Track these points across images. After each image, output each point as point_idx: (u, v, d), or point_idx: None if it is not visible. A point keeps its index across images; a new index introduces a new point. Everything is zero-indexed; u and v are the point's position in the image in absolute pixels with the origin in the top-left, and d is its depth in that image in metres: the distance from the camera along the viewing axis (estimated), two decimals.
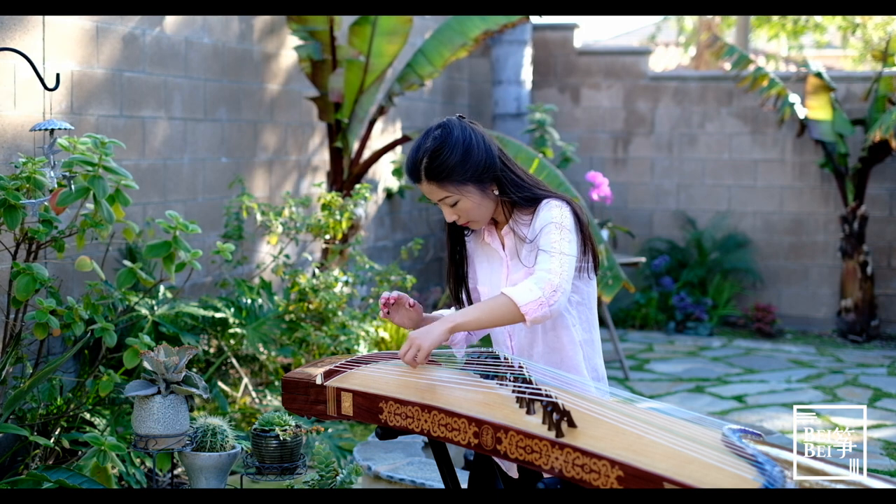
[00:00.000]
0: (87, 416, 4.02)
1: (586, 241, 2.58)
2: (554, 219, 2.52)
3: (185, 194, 5.35)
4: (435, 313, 2.80)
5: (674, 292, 8.52)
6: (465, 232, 2.74)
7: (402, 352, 2.46)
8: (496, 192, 2.59)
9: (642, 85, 9.04)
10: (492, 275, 2.68)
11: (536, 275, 2.46)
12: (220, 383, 4.77)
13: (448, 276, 2.76)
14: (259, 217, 5.27)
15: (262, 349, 4.83)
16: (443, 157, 2.53)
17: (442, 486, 2.73)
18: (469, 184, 2.54)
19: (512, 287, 2.46)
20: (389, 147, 6.32)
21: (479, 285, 2.72)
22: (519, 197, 2.58)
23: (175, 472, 4.02)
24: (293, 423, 3.19)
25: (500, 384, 2.36)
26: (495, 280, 2.66)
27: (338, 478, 3.65)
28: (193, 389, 3.17)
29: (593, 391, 2.50)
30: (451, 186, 2.54)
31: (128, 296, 4.09)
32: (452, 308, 2.84)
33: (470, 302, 2.74)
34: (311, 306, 5.03)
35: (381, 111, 6.36)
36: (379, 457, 4.25)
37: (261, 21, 5.97)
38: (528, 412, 2.15)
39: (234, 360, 4.86)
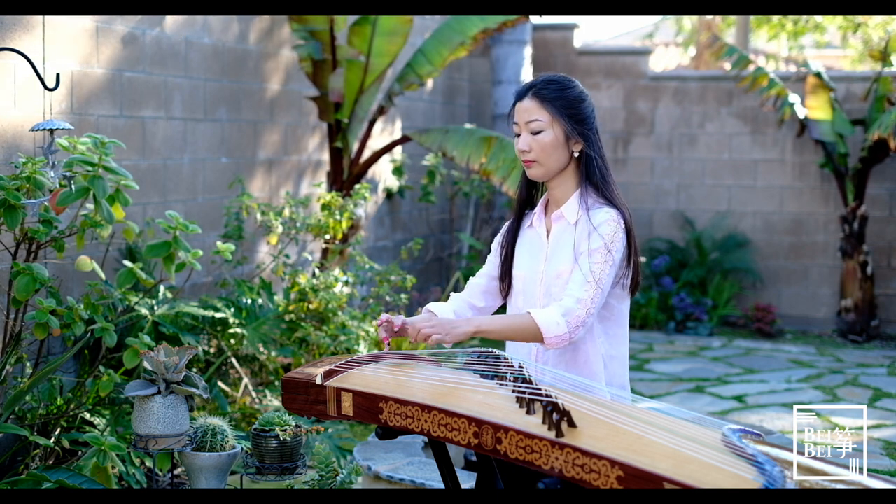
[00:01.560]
0: (87, 416, 4.02)
1: (630, 256, 2.61)
2: (606, 237, 2.55)
3: (185, 194, 5.35)
4: (428, 306, 2.79)
5: (674, 292, 8.52)
6: (526, 211, 2.77)
7: (421, 323, 2.54)
8: (576, 154, 2.63)
9: (642, 85, 9.04)
10: (530, 260, 2.69)
11: (567, 304, 2.51)
12: (220, 383, 4.77)
13: (503, 247, 2.77)
14: (259, 217, 5.27)
15: (262, 349, 4.83)
16: (559, 86, 2.64)
17: (442, 486, 2.73)
18: (564, 120, 2.61)
19: (540, 311, 2.51)
20: (389, 147, 6.32)
21: (514, 269, 2.73)
22: (596, 169, 2.63)
23: (175, 472, 4.02)
24: (293, 423, 3.19)
25: (500, 384, 2.36)
26: (533, 265, 2.68)
27: (338, 478, 3.65)
28: (193, 389, 3.17)
29: (605, 395, 2.50)
30: (549, 111, 2.61)
31: (128, 296, 4.09)
32: (451, 300, 2.83)
33: (510, 279, 2.75)
34: (311, 306, 5.03)
35: (381, 111, 6.36)
36: (379, 457, 4.25)
37: (261, 21, 5.97)
38: (528, 412, 2.15)
39: (234, 360, 4.86)
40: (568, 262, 2.60)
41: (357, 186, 5.49)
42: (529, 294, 2.68)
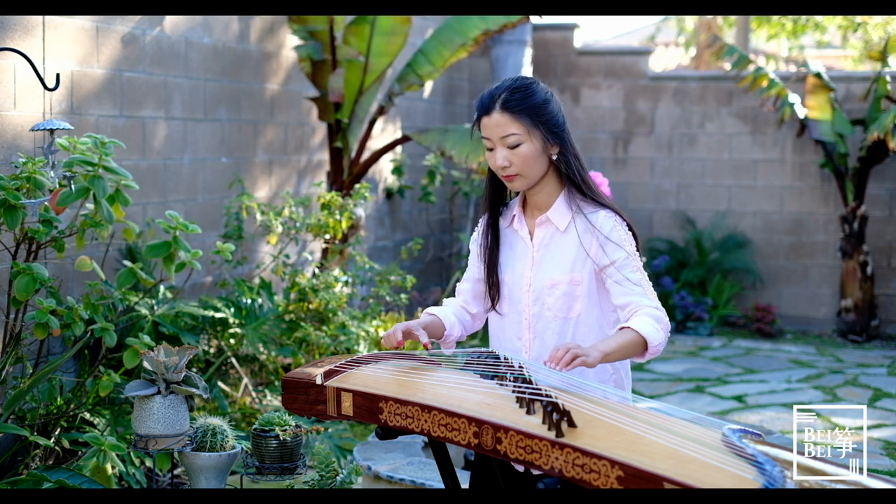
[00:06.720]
0: (87, 416, 4.02)
1: None
2: (624, 244, 2.53)
3: (185, 194, 5.35)
4: (429, 310, 2.77)
5: (674, 292, 8.52)
6: (500, 209, 2.70)
7: (559, 354, 2.32)
8: (555, 157, 2.57)
9: (642, 85, 9.04)
10: (515, 263, 2.64)
11: (652, 313, 2.46)
12: (220, 383, 4.77)
13: (484, 258, 2.68)
14: (259, 217, 5.27)
15: (262, 349, 4.83)
16: (525, 94, 2.53)
17: (442, 486, 2.73)
18: (539, 129, 2.52)
19: (639, 323, 2.43)
20: (389, 147, 6.32)
21: (502, 273, 2.67)
22: (575, 170, 2.57)
23: (175, 472, 4.02)
24: (293, 423, 3.19)
25: (500, 384, 2.36)
26: (518, 269, 2.63)
27: (338, 478, 3.65)
28: (193, 389, 3.17)
29: (595, 392, 2.48)
30: (524, 123, 2.52)
31: (128, 296, 4.09)
32: (448, 305, 2.80)
33: (498, 289, 2.67)
34: (311, 306, 5.03)
35: (381, 111, 6.36)
36: (379, 457, 4.25)
37: (261, 21, 5.97)
38: (528, 412, 2.15)
39: (234, 360, 4.86)
40: (565, 272, 2.55)
41: (357, 186, 5.49)
42: (515, 300, 2.62)
